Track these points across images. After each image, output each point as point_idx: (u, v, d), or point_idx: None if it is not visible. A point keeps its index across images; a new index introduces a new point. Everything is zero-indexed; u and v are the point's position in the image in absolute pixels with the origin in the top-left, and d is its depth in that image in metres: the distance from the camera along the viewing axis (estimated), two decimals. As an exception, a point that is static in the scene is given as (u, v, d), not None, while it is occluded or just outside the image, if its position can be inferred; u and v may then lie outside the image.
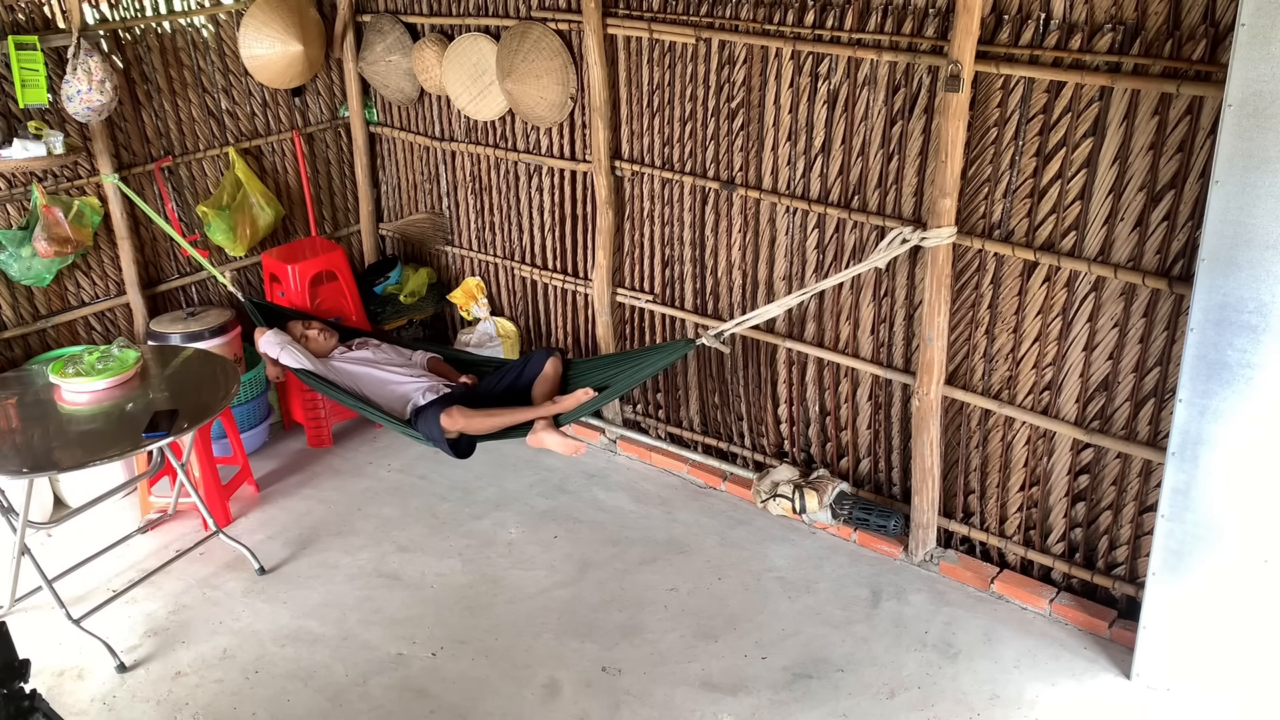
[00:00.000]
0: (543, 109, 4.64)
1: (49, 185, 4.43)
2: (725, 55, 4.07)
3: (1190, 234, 3.17)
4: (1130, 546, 3.59)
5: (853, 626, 3.74)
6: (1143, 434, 3.46)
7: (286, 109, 5.25)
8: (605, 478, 4.71)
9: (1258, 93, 2.70)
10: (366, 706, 3.42)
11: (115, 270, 4.75)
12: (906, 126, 3.68)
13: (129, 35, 4.62)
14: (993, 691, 3.42)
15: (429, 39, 4.96)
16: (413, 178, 5.49)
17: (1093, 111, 3.27)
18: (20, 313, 4.49)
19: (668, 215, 4.50)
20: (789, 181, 4.06)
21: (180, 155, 4.89)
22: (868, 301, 3.98)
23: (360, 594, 3.97)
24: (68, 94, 4.21)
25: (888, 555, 4.11)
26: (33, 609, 3.88)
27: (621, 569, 4.09)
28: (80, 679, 3.57)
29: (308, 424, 4.99)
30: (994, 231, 3.59)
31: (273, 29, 4.86)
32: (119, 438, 3.59)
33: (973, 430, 3.87)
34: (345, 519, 4.46)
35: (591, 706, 3.40)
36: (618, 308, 4.83)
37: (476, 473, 4.72)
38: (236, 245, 4.99)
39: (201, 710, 3.42)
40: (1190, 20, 3.02)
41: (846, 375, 4.16)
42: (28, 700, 2.57)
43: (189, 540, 4.27)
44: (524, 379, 4.36)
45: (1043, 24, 3.29)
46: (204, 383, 3.99)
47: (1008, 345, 3.69)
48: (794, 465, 4.41)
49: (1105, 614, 3.66)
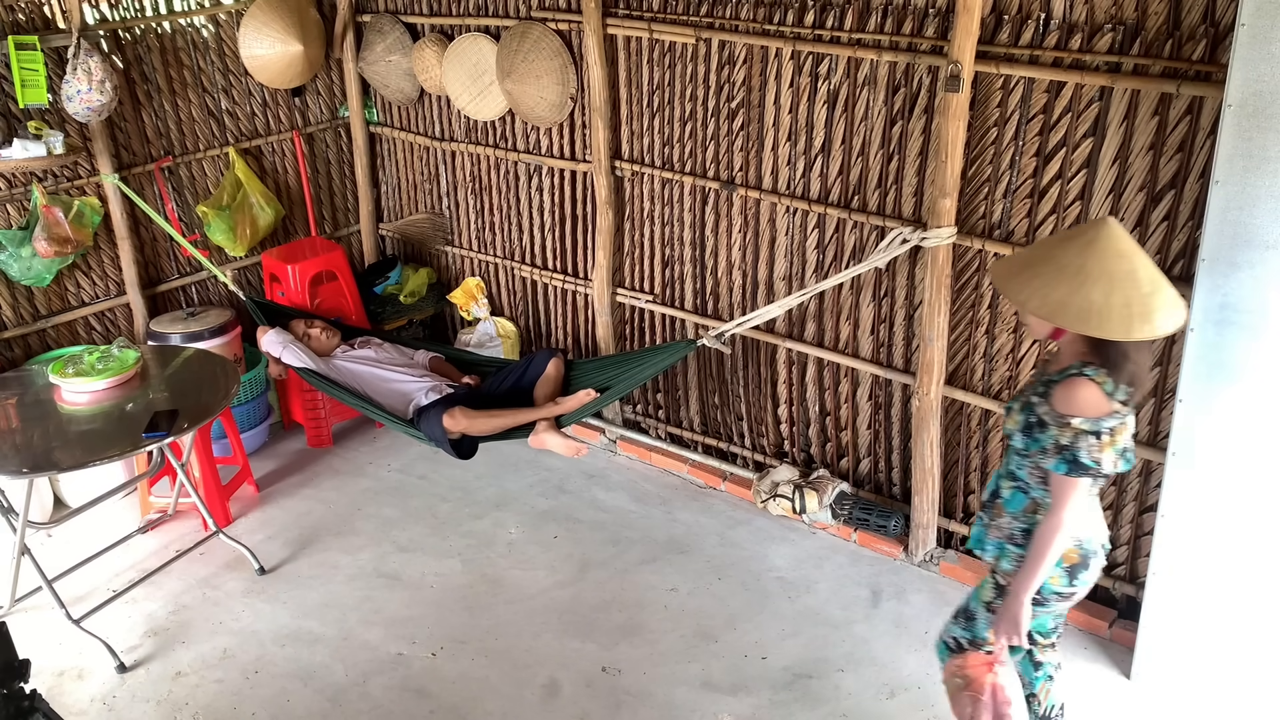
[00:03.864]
0: (543, 109, 4.64)
1: (49, 185, 4.43)
2: (725, 55, 4.07)
3: (1190, 234, 3.17)
4: (1130, 546, 3.59)
5: (853, 626, 3.74)
6: (1142, 434, 3.46)
7: (286, 109, 5.25)
8: (605, 478, 4.71)
9: (1258, 93, 2.70)
10: (366, 706, 3.42)
11: (115, 270, 4.75)
12: (906, 126, 3.68)
13: (129, 35, 4.62)
14: (993, 691, 3.42)
15: (429, 39, 4.96)
16: (413, 178, 5.49)
17: (1093, 111, 3.27)
18: (20, 313, 4.49)
19: (668, 215, 4.50)
20: (789, 181, 4.06)
21: (180, 155, 4.89)
22: (868, 301, 3.98)
23: (360, 594, 3.97)
24: (68, 94, 4.21)
25: (888, 555, 4.11)
26: (33, 609, 3.88)
27: (621, 569, 4.09)
28: (80, 679, 3.57)
29: (308, 424, 4.99)
30: (994, 231, 3.59)
31: (273, 29, 4.86)
32: (119, 438, 3.59)
33: (973, 430, 3.87)
34: (345, 519, 4.46)
35: (591, 706, 3.40)
36: (618, 308, 4.83)
37: (476, 473, 4.72)
38: (236, 245, 4.99)
39: (201, 710, 3.42)
40: (1190, 20, 3.02)
41: (846, 375, 4.16)
42: (28, 700, 2.57)
43: (189, 540, 4.27)
44: (526, 380, 4.36)
45: (1043, 24, 3.29)
46: (204, 383, 3.99)
47: (1008, 345, 3.69)
48: (794, 465, 4.41)
49: (1105, 614, 3.66)
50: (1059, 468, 2.42)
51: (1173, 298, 2.36)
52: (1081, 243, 2.38)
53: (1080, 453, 2.38)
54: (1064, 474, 2.41)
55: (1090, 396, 2.37)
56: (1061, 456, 2.41)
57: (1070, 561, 2.55)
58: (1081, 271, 2.34)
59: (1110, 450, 2.39)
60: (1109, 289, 2.31)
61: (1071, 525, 2.46)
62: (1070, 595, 2.60)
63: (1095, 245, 2.36)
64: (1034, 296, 2.39)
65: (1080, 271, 2.34)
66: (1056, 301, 2.35)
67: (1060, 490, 2.44)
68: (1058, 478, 2.43)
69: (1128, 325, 2.30)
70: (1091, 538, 2.57)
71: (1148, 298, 2.31)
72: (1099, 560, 2.59)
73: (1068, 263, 2.37)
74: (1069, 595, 2.60)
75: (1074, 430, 2.38)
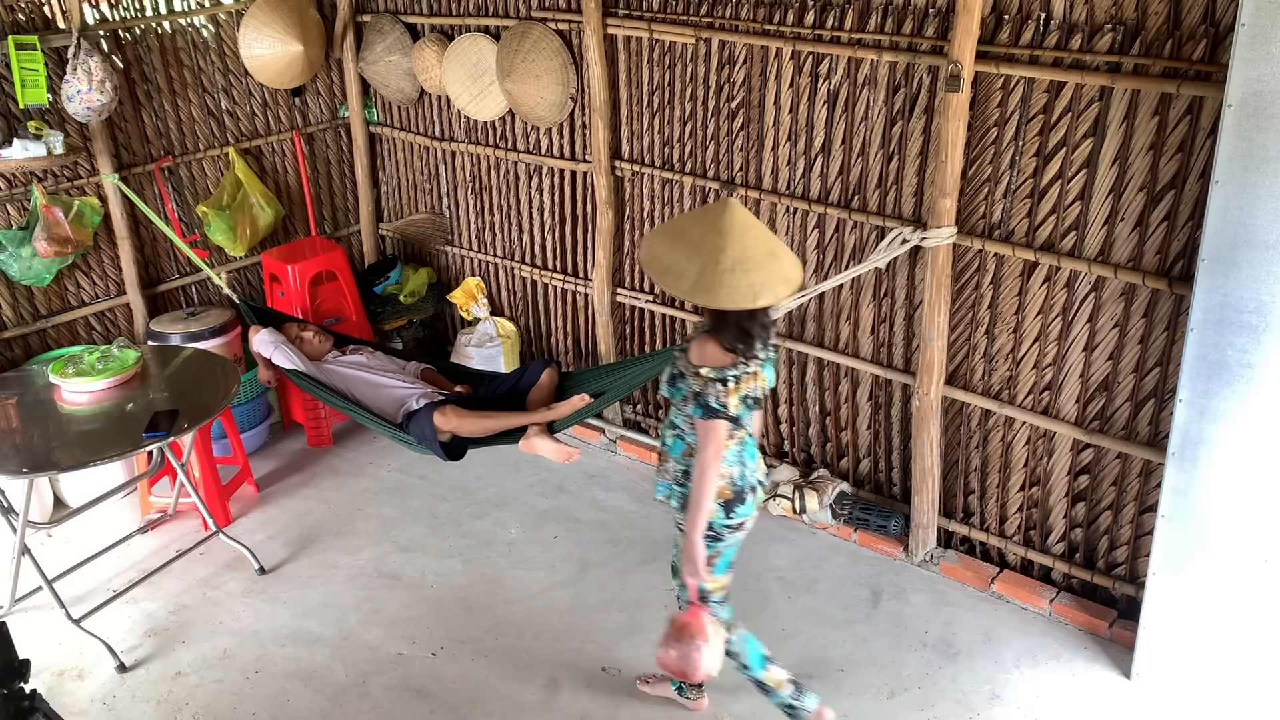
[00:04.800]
0: (543, 109, 4.64)
1: (49, 185, 4.43)
2: (725, 55, 4.07)
3: (1190, 234, 3.17)
4: (1130, 546, 3.59)
5: (853, 626, 3.74)
6: (1143, 434, 3.46)
7: (286, 109, 5.25)
8: (605, 478, 4.71)
9: (1258, 93, 2.70)
10: (366, 706, 3.42)
11: (115, 270, 4.75)
12: (906, 126, 3.68)
13: (129, 35, 4.62)
14: (993, 692, 3.42)
15: (429, 39, 4.96)
16: (413, 178, 5.49)
17: (1093, 111, 3.27)
18: (20, 313, 4.49)
19: (668, 215, 4.49)
20: (789, 181, 4.06)
21: (180, 155, 4.89)
22: (868, 302, 3.98)
23: (360, 594, 3.97)
24: (68, 94, 4.21)
25: (888, 555, 4.11)
26: (33, 609, 3.87)
27: (621, 569, 4.09)
28: (80, 679, 3.57)
29: (308, 424, 4.99)
30: (994, 231, 3.59)
31: (273, 29, 4.86)
32: (119, 438, 3.59)
33: (973, 430, 3.87)
34: (345, 519, 4.46)
35: (591, 706, 3.40)
36: (618, 308, 4.83)
37: (476, 473, 4.71)
38: (236, 245, 4.99)
39: (201, 710, 3.42)
40: (1190, 20, 3.02)
41: (846, 375, 4.16)
42: (28, 700, 2.57)
43: (189, 540, 4.27)
44: (520, 388, 4.32)
45: (1043, 24, 3.29)
46: (204, 383, 3.99)
47: (1008, 345, 3.69)
48: (794, 465, 4.41)
49: (1105, 614, 3.66)
50: (696, 412, 2.78)
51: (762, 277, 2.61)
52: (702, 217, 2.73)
53: (710, 398, 2.74)
54: (701, 417, 2.77)
55: (711, 350, 2.75)
56: (697, 402, 2.77)
57: (725, 497, 2.87)
58: (686, 240, 2.68)
59: (735, 396, 2.74)
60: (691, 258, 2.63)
61: (716, 462, 2.79)
62: (738, 527, 2.94)
63: (705, 220, 2.69)
64: (646, 250, 2.76)
65: (686, 241, 2.68)
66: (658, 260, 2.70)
67: (702, 432, 2.78)
68: (698, 421, 2.78)
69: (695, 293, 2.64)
70: (744, 475, 2.90)
71: (724, 273, 2.59)
72: (755, 497, 2.95)
73: (687, 231, 2.72)
74: (737, 527, 2.94)
75: (703, 379, 2.75)
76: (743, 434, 2.88)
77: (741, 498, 2.90)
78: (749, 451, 2.92)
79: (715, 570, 2.99)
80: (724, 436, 2.78)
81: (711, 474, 2.79)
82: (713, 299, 2.61)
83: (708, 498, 2.80)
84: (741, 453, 2.89)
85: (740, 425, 2.82)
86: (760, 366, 2.80)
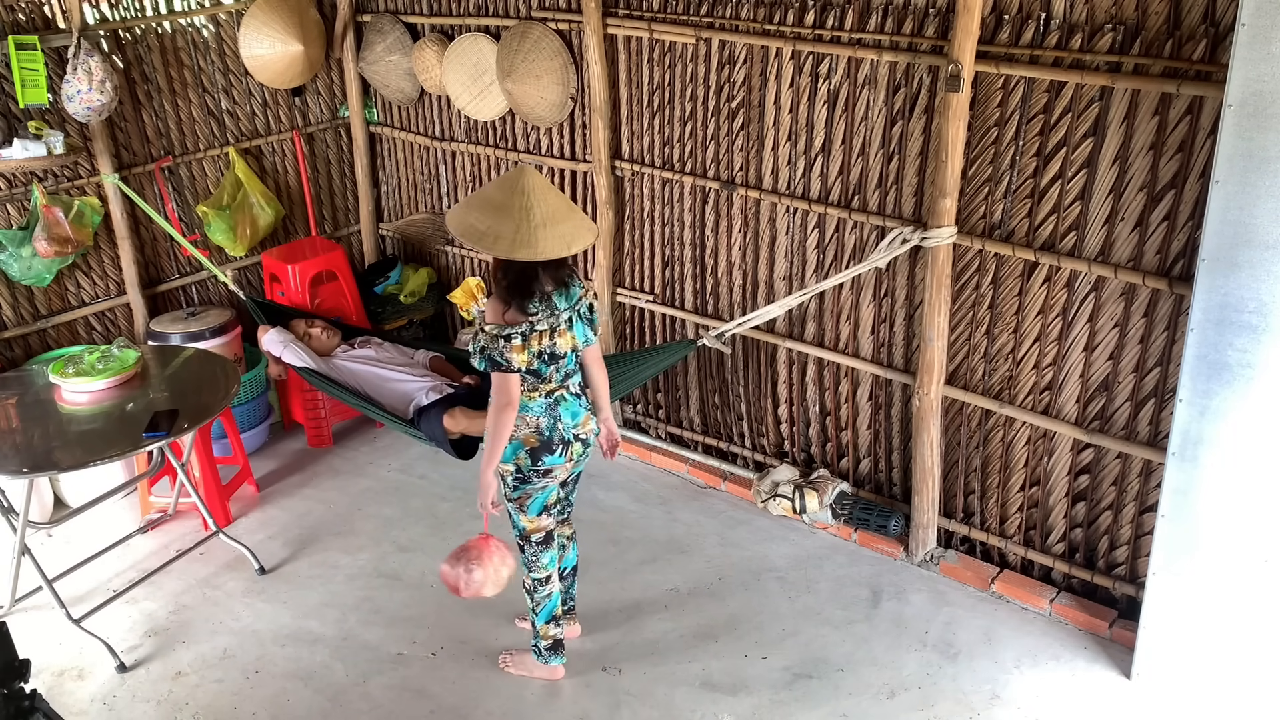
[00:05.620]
0: (543, 109, 4.64)
1: (49, 185, 4.43)
2: (725, 55, 4.07)
3: (1190, 234, 3.17)
4: (1130, 546, 3.59)
5: (853, 626, 3.74)
6: (1143, 434, 3.46)
7: (286, 109, 5.25)
8: (605, 478, 4.71)
9: (1258, 93, 2.70)
10: (366, 706, 3.42)
11: (115, 270, 4.75)
12: (906, 126, 3.68)
13: (129, 35, 4.62)
14: (993, 691, 3.42)
15: (429, 39, 4.96)
16: (413, 178, 5.49)
17: (1093, 111, 3.27)
18: (20, 313, 4.49)
19: (668, 215, 4.50)
20: (789, 181, 4.06)
21: (180, 155, 4.89)
22: (868, 301, 3.98)
23: (360, 594, 3.97)
24: (68, 94, 4.21)
25: (888, 555, 4.11)
26: (33, 609, 3.88)
27: (621, 569, 4.09)
28: (80, 679, 3.57)
29: (308, 424, 4.99)
30: (994, 231, 3.59)
31: (273, 29, 4.86)
32: (119, 438, 3.59)
33: (973, 430, 3.87)
34: (345, 519, 4.46)
35: (591, 706, 3.40)
36: (618, 308, 4.83)
37: (477, 472, 4.70)
38: (236, 245, 4.99)
39: (201, 710, 3.42)
40: (1190, 20, 3.02)
41: (847, 375, 4.16)
42: (28, 700, 2.57)
43: (189, 540, 4.27)
44: None
45: (1043, 24, 3.29)
46: (204, 383, 3.99)
47: (1008, 345, 3.68)
48: (794, 465, 4.41)
49: (1105, 614, 3.66)
50: (482, 364, 2.98)
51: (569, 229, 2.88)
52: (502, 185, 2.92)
53: (494, 353, 2.94)
54: (487, 370, 2.98)
55: (493, 308, 2.98)
56: (483, 355, 2.97)
57: (530, 445, 3.08)
58: (493, 205, 2.88)
59: (524, 353, 2.94)
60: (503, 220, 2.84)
61: (507, 411, 2.98)
62: (545, 473, 3.13)
63: (506, 186, 2.89)
64: (458, 221, 2.95)
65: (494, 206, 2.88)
66: (472, 228, 2.89)
67: (494, 385, 2.99)
68: (491, 374, 2.98)
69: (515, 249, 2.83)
70: (553, 426, 3.08)
71: (537, 228, 2.82)
72: (571, 450, 3.13)
73: (492, 197, 2.91)
74: (544, 473, 3.13)
75: (487, 335, 2.96)
76: (553, 388, 3.07)
77: (550, 447, 3.09)
78: (566, 408, 3.11)
79: (529, 511, 3.22)
80: (515, 388, 2.98)
81: (500, 421, 2.99)
82: (532, 252, 2.83)
83: (500, 442, 3.02)
84: (554, 406, 3.08)
85: (542, 379, 3.02)
86: (567, 326, 3.01)
